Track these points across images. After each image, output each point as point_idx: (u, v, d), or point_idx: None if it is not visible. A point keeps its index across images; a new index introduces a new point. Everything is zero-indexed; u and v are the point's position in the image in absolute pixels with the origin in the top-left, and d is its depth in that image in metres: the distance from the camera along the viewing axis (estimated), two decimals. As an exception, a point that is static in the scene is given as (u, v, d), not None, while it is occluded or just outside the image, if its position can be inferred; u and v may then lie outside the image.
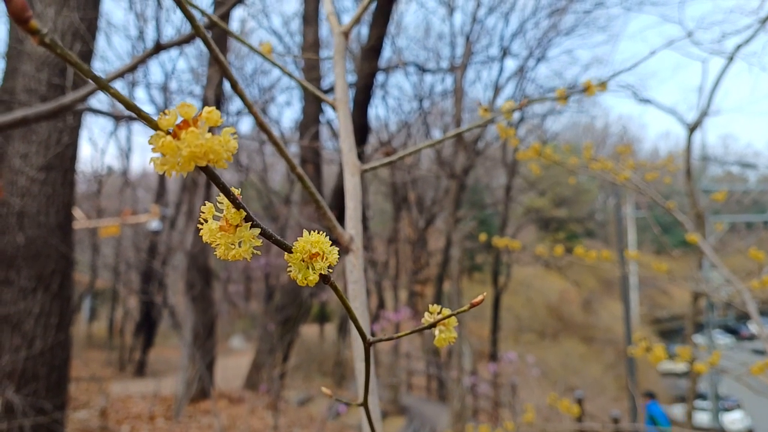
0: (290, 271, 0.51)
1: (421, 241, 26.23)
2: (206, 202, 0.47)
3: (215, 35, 9.88)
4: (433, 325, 0.59)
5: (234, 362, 16.71)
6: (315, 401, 12.25)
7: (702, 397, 26.34)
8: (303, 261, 0.50)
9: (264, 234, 0.50)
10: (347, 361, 17.23)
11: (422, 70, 20.73)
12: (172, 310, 17.38)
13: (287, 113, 69.81)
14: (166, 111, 0.41)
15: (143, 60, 4.31)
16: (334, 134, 21.02)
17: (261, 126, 0.97)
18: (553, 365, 25.40)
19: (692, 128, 10.19)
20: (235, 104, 17.05)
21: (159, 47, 4.15)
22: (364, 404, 0.71)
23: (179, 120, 0.43)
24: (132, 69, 4.39)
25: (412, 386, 19.24)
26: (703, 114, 10.32)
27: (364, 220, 25.15)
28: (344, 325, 19.31)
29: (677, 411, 20.46)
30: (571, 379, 23.66)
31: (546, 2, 19.99)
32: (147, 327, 20.23)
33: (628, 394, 12.36)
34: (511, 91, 23.76)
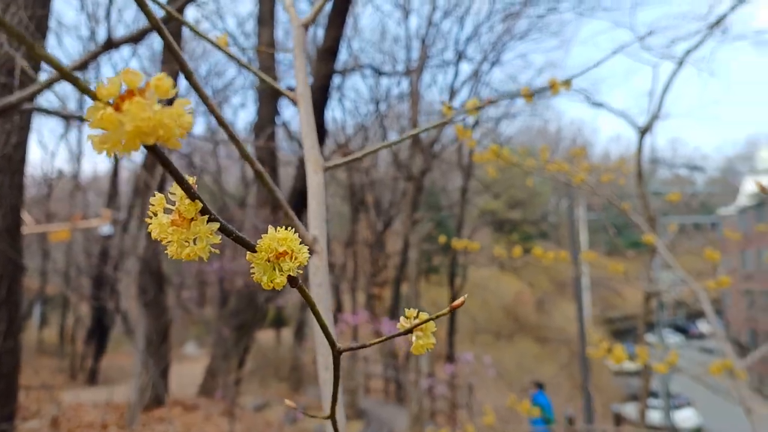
0: (253, 273, 0.44)
1: (379, 244, 26.22)
2: (156, 193, 0.41)
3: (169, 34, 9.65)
4: (409, 331, 0.53)
5: (188, 368, 16.34)
6: (272, 407, 12.07)
7: (653, 395, 27.07)
8: (269, 261, 0.43)
9: (223, 230, 0.42)
10: (304, 365, 17.06)
11: (378, 73, 20.75)
12: (124, 316, 16.90)
13: (242, 115, 68.99)
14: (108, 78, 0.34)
15: (94, 57, 4.14)
16: (290, 136, 20.82)
17: (218, 120, 0.91)
18: (509, 365, 25.70)
19: (643, 132, 10.46)
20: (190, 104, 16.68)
21: (110, 44, 4.00)
22: (331, 417, 0.66)
23: (123, 90, 0.37)
24: (82, 66, 4.22)
25: (370, 389, 19.17)
26: (654, 118, 10.60)
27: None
28: (301, 329, 19.10)
29: (630, 409, 20.96)
30: (527, 379, 23.97)
31: (500, 7, 20.25)
32: (99, 333, 19.67)
33: (582, 394, 12.58)
34: (466, 94, 23.98)
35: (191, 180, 0.41)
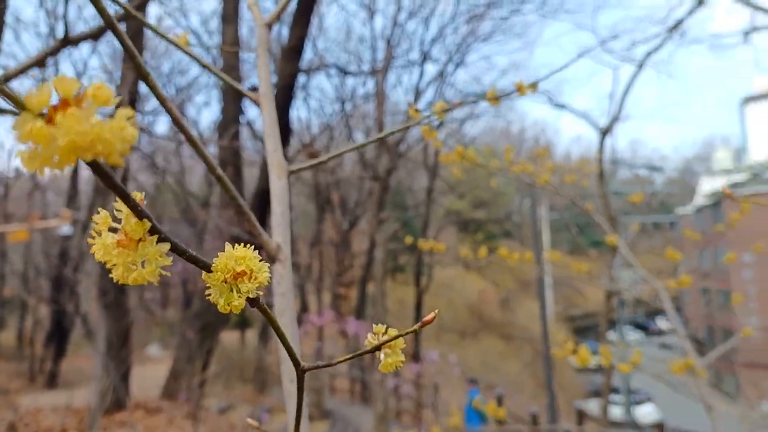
0: (209, 295, 0.40)
1: (345, 243, 26.13)
2: (99, 210, 0.36)
3: (129, 32, 9.44)
4: (377, 348, 0.50)
5: (151, 371, 16.03)
6: (236, 409, 11.92)
7: (615, 391, 27.62)
8: (225, 282, 0.40)
9: (175, 249, 0.38)
10: (269, 366, 16.91)
11: (344, 72, 20.68)
12: (84, 318, 16.50)
13: (206, 114, 67.98)
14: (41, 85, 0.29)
15: (51, 54, 4.01)
16: (255, 135, 20.61)
17: (177, 124, 0.87)
18: (474, 364, 25.90)
19: (604, 133, 10.64)
20: (152, 103, 16.37)
21: (67, 41, 3.88)
22: (296, 436, 0.63)
23: (56, 99, 0.32)
24: (39, 63, 4.09)
25: (336, 389, 19.10)
26: (614, 120, 10.79)
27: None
28: (266, 330, 18.92)
29: (592, 406, 21.31)
30: (491, 377, 24.21)
31: (464, 8, 20.37)
32: (58, 336, 19.20)
33: (546, 392, 12.74)
34: (431, 95, 24.07)
35: (138, 197, 0.36)
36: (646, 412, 28.34)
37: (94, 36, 3.53)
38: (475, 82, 24.96)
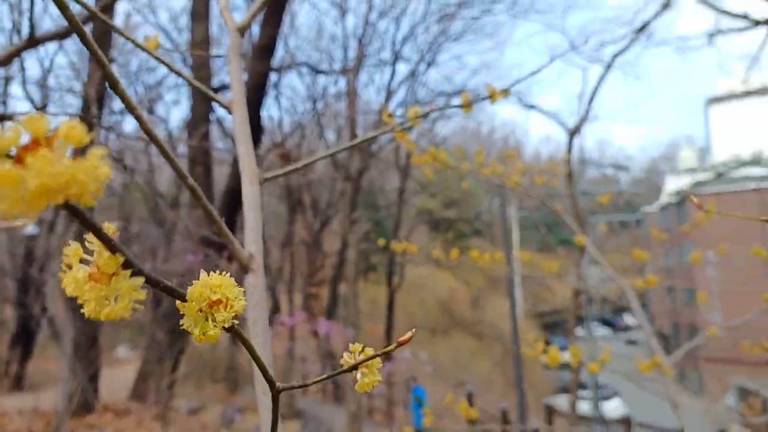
0: (182, 325, 0.38)
1: (317, 244, 26.03)
2: (70, 242, 0.34)
3: (97, 30, 9.26)
4: (354, 368, 0.50)
5: (120, 372, 15.76)
6: (207, 409, 11.79)
7: (582, 386, 28.02)
8: (201, 311, 0.38)
9: (150, 282, 0.37)
10: (240, 366, 16.76)
11: (315, 71, 20.59)
12: (51, 320, 16.10)
13: (176, 112, 66.99)
14: (11, 121, 0.27)
15: (16, 53, 3.91)
16: (225, 133, 20.41)
17: (147, 132, 0.85)
18: (445, 361, 26.03)
19: (573, 133, 10.79)
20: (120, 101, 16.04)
21: (33, 41, 3.78)
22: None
23: (26, 139, 0.30)
24: (3, 62, 3.99)
25: (308, 389, 19.04)
26: (583, 120, 10.94)
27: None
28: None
29: (561, 402, 21.59)
30: (462, 375, 24.37)
31: (435, 8, 20.43)
32: (24, 338, 18.76)
33: (516, 389, 12.87)
34: (403, 94, 24.12)
35: (111, 230, 0.35)
36: (613, 407, 28.85)
37: (61, 36, 3.45)
38: (446, 81, 25.09)
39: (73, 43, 16.52)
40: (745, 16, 10.69)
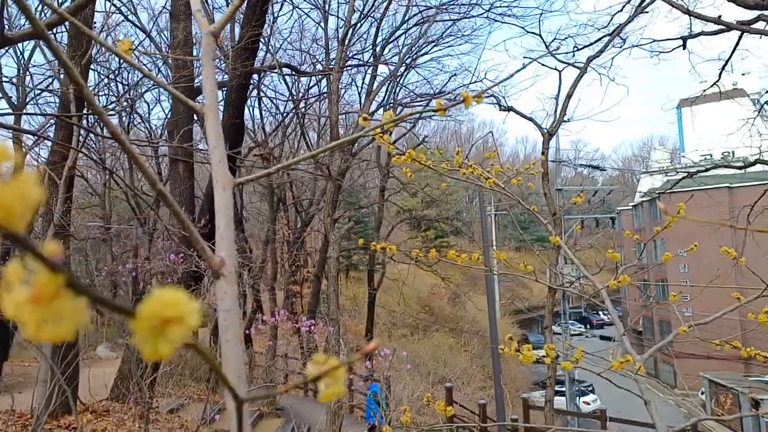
0: (135, 342, 0.36)
1: (299, 242, 25.93)
2: (17, 263, 0.32)
3: (74, 29, 9.10)
4: (317, 378, 0.49)
5: (100, 372, 15.53)
6: (187, 408, 11.67)
7: (559, 382, 28.32)
8: (152, 329, 0.36)
9: (96, 301, 0.35)
10: (221, 364, 16.64)
11: (298, 72, 20.47)
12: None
13: (157, 110, 66.22)
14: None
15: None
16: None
17: (114, 136, 0.83)
18: (425, 358, 26.10)
19: (549, 134, 10.85)
20: (102, 99, 15.82)
21: (6, 40, 3.71)
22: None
23: None
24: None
25: (289, 386, 18.93)
26: (559, 121, 11.01)
27: (239, 222, 24.40)
28: (217, 330, 18.60)
29: (538, 396, 21.77)
30: (442, 371, 24.44)
31: (415, 11, 20.45)
32: (2, 338, 18.40)
33: (494, 383, 12.95)
34: (383, 95, 24.10)
35: (54, 249, 0.32)
36: (589, 401, 29.22)
37: (35, 36, 3.38)
38: (426, 83, 25.13)
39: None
40: (717, 20, 10.85)
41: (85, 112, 8.35)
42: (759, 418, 19.80)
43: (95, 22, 10.71)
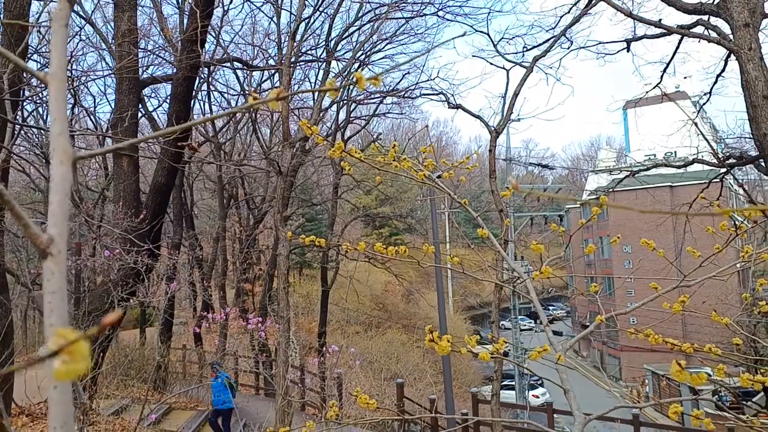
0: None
1: (251, 239, 25.56)
2: None
3: (10, 14, 8.72)
4: (55, 354, 0.42)
5: (41, 373, 15.01)
6: (131, 410, 11.34)
7: (509, 376, 28.80)
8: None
9: None
10: (169, 364, 16.30)
11: (248, 66, 20.15)
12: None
13: (104, 104, 64.37)
14: None
15: None
16: (155, 128, 19.77)
17: None
18: (377, 354, 26.13)
19: (496, 133, 10.95)
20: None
21: None
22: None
23: None
24: None
25: (242, 385, 18.68)
26: (506, 120, 11.13)
27: (189, 218, 23.90)
28: (169, 329, 18.21)
29: (487, 390, 22.03)
30: (394, 367, 24.52)
31: (369, 8, 20.36)
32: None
33: (444, 379, 13.05)
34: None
35: None
36: (538, 395, 29.79)
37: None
38: (379, 80, 24.98)
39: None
40: (658, 24, 11.14)
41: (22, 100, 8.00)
42: (698, 405, 20.50)
43: (32, 12, 10.27)
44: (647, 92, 14.53)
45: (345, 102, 24.61)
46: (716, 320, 2.57)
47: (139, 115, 16.49)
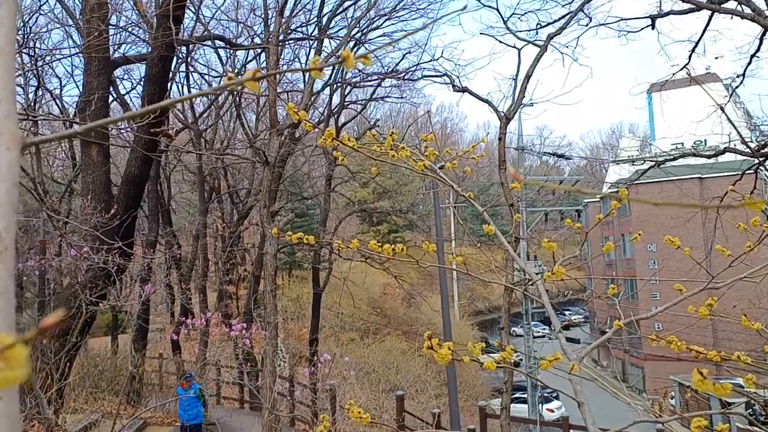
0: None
1: (235, 237, 25.54)
2: None
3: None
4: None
5: (2, 385, 14.99)
6: (101, 425, 11.36)
7: (521, 389, 28.77)
8: None
9: None
10: (144, 374, 16.29)
11: (232, 45, 20.10)
12: None
13: (71, 87, 64.07)
14: None
15: None
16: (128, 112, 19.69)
17: None
18: (375, 364, 26.12)
19: (507, 118, 10.92)
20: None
21: None
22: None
23: None
24: None
25: (224, 398, 18.69)
26: (517, 104, 11.10)
27: (166, 213, 23.88)
28: (144, 336, 18.22)
29: (497, 404, 22.03)
30: (393, 377, 24.52)
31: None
32: None
33: (449, 391, 13.05)
34: (330, 74, 23.90)
35: None
36: (553, 408, 29.84)
37: None
38: (376, 60, 24.95)
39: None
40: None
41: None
42: (730, 419, 20.56)
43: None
44: (674, 74, 14.50)
45: (339, 85, 24.57)
46: (746, 326, 2.57)
47: (110, 98, 16.51)
